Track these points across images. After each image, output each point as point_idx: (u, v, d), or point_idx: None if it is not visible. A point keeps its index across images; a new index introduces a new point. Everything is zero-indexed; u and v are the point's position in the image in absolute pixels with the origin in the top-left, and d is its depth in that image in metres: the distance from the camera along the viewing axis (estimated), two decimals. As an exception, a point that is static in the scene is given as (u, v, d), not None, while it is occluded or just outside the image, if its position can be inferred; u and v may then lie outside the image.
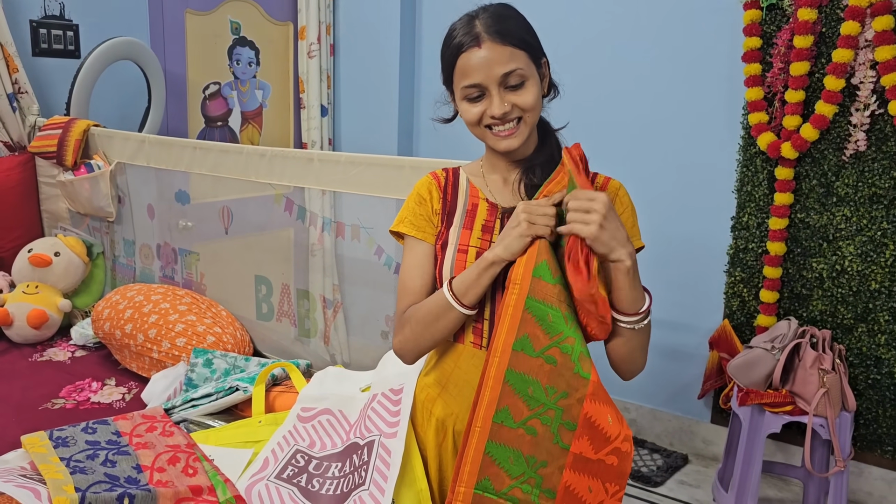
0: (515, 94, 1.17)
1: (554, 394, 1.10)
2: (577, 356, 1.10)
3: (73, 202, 2.72)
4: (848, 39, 2.32)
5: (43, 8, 2.86)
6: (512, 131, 1.19)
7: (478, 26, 1.18)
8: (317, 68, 3.70)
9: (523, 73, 1.17)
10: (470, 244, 1.24)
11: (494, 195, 1.28)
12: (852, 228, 2.46)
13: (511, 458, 1.10)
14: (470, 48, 1.17)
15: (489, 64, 1.16)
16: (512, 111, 1.18)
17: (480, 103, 1.19)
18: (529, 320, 1.10)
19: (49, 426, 1.85)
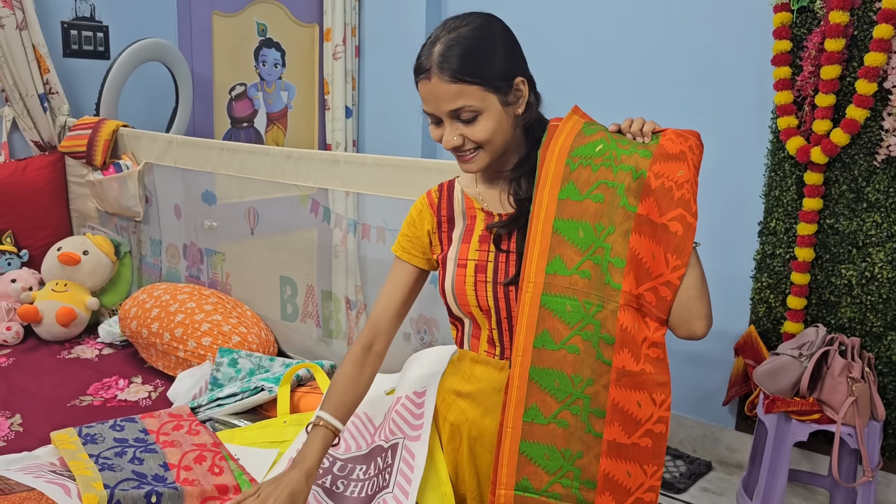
0: (467, 127, 1.16)
1: (580, 382, 1.10)
2: (597, 342, 1.10)
3: (102, 202, 2.76)
4: (881, 43, 2.29)
5: (74, 10, 2.91)
6: (469, 157, 1.19)
7: (433, 55, 1.15)
8: (342, 70, 3.71)
9: (473, 108, 1.14)
10: (469, 258, 1.26)
11: (488, 204, 1.29)
12: (883, 235, 2.42)
13: (546, 454, 1.10)
14: (422, 78, 1.17)
15: (437, 98, 1.15)
16: (465, 143, 1.18)
17: (439, 129, 1.20)
18: (547, 315, 1.11)
19: (77, 423, 1.88)
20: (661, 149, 1.12)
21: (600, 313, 1.10)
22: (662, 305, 1.11)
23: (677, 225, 1.08)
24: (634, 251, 1.09)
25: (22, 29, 2.63)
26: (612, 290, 1.10)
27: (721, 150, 2.76)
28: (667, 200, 1.09)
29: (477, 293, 1.23)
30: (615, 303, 1.10)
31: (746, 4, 2.62)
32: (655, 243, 1.09)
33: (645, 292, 1.10)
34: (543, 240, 1.12)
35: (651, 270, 1.09)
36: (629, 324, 1.10)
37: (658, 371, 1.11)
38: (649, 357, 1.10)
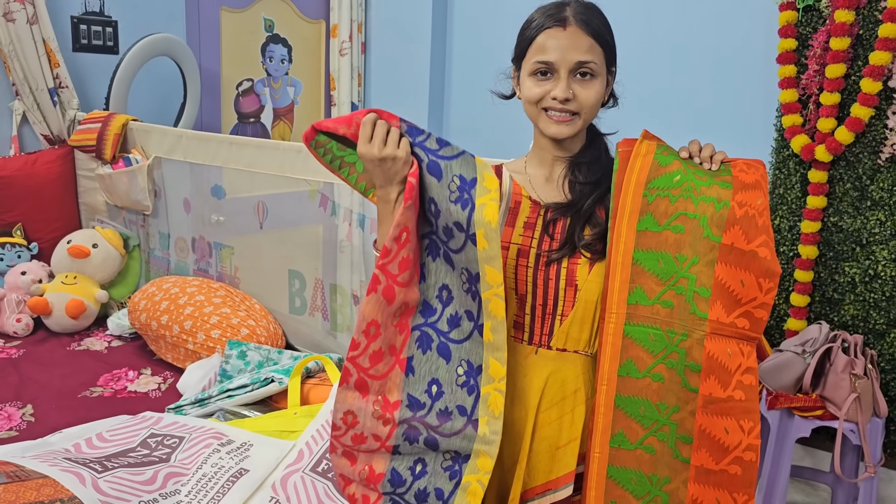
0: (582, 85, 1.18)
1: (665, 409, 1.13)
2: (682, 370, 1.12)
3: (111, 195, 2.78)
4: (886, 42, 2.30)
5: (84, 4, 2.93)
6: (566, 119, 1.20)
7: (567, 11, 1.19)
8: (348, 66, 3.73)
9: (595, 68, 1.19)
10: (511, 241, 1.25)
11: (537, 191, 1.28)
12: (886, 233, 2.44)
13: (634, 479, 1.13)
14: (554, 27, 1.18)
15: (568, 47, 1.17)
16: (573, 101, 1.18)
17: (546, 83, 1.19)
18: (630, 345, 1.13)
19: (88, 414, 1.92)
20: (738, 180, 1.15)
21: (685, 342, 1.12)
22: (758, 326, 1.12)
23: (765, 250, 1.10)
24: (721, 280, 1.12)
25: (32, 24, 2.65)
26: (699, 319, 1.12)
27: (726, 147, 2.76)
28: (752, 228, 1.11)
29: (517, 276, 1.23)
30: (701, 331, 1.12)
31: (752, 3, 2.64)
32: (744, 270, 1.11)
33: (737, 319, 1.11)
34: (624, 271, 1.14)
35: (741, 297, 1.11)
36: (717, 352, 1.12)
37: (748, 398, 1.11)
38: (742, 384, 1.11)
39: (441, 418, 1.13)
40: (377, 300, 1.12)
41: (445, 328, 1.16)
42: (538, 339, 1.25)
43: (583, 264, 1.20)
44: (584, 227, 1.21)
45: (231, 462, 1.53)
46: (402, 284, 1.14)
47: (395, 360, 1.14)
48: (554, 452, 1.23)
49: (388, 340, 1.15)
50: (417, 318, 1.16)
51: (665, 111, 2.92)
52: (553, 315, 1.23)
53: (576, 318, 1.22)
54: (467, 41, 3.57)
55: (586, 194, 1.23)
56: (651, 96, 2.95)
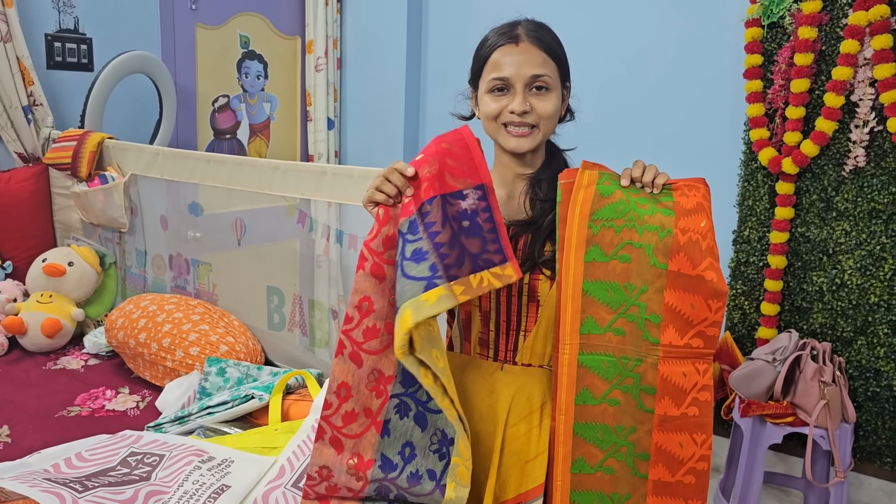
0: (538, 98, 1.22)
1: (622, 431, 1.18)
2: (637, 394, 1.17)
3: (87, 213, 2.77)
4: (847, 57, 2.38)
5: (58, 22, 2.92)
6: (525, 133, 1.23)
7: (519, 28, 1.24)
8: (324, 82, 3.76)
9: (550, 81, 1.23)
10: None
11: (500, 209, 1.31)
12: (851, 243, 2.51)
13: (596, 500, 1.19)
14: (508, 44, 1.23)
15: (522, 63, 1.21)
16: (530, 113, 1.22)
17: (502, 99, 1.23)
18: (585, 374, 1.17)
19: (65, 433, 1.90)
20: (680, 206, 1.17)
21: (639, 367, 1.17)
22: (711, 343, 1.16)
23: (711, 273, 1.14)
24: (671, 306, 1.15)
25: (6, 41, 2.64)
26: (651, 344, 1.16)
27: (696, 160, 2.84)
28: (697, 252, 1.14)
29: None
30: (655, 356, 1.16)
31: (719, 20, 2.71)
32: (693, 294, 1.14)
33: (691, 339, 1.16)
34: (574, 302, 1.17)
35: (693, 319, 1.15)
36: (671, 374, 1.16)
37: (702, 413, 1.17)
38: (697, 400, 1.17)
39: (411, 481, 1.17)
40: (344, 363, 1.17)
41: (424, 398, 1.19)
42: (503, 355, 1.27)
43: (544, 280, 1.23)
44: (545, 244, 1.24)
45: (212, 479, 1.53)
46: (370, 352, 1.16)
47: (371, 422, 1.18)
48: (523, 466, 1.26)
49: (363, 403, 1.17)
50: (398, 387, 1.18)
51: (635, 126, 2.98)
52: (517, 331, 1.26)
53: (539, 334, 1.24)
54: (442, 57, 3.62)
55: (546, 211, 1.25)
56: (621, 112, 3.01)
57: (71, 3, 2.95)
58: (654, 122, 2.93)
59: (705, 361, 1.17)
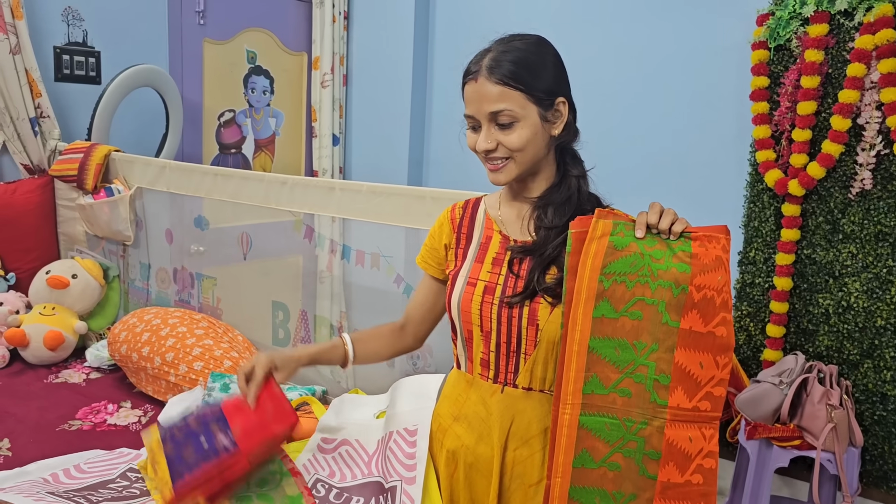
0: (503, 133, 1.18)
1: (622, 498, 1.12)
2: (640, 459, 1.11)
3: (92, 225, 2.76)
4: (854, 81, 2.39)
5: (67, 35, 2.94)
6: (497, 167, 1.21)
7: (485, 59, 1.20)
8: (329, 98, 3.77)
9: (513, 114, 1.17)
10: (479, 278, 1.26)
11: (508, 228, 1.30)
12: (858, 265, 2.51)
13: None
14: (470, 79, 1.21)
15: (480, 99, 1.19)
16: (497, 149, 1.19)
17: (475, 135, 1.22)
18: (586, 435, 1.12)
19: (67, 447, 1.88)
20: (697, 259, 1.11)
21: (644, 430, 1.11)
22: (718, 405, 1.10)
23: (722, 329, 1.09)
24: (681, 366, 1.10)
25: (15, 53, 2.65)
26: (659, 406, 1.10)
27: (702, 181, 2.85)
28: (710, 309, 1.09)
29: (482, 313, 1.24)
30: (662, 419, 1.10)
31: (725, 42, 2.73)
32: (702, 352, 1.09)
33: (699, 402, 1.10)
34: (580, 360, 1.11)
35: (701, 379, 1.09)
36: (677, 438, 1.10)
37: (706, 481, 1.11)
38: (702, 468, 1.11)
39: None
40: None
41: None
42: (503, 377, 1.26)
43: (544, 305, 1.21)
44: (547, 270, 1.22)
45: (216, 497, 1.51)
46: None
47: None
48: (527, 490, 1.24)
49: None
50: None
51: (643, 147, 2.99)
52: (517, 353, 1.24)
53: (539, 358, 1.23)
54: (448, 73, 3.63)
55: (550, 238, 1.23)
56: (627, 133, 3.01)
57: (80, 17, 2.96)
58: (660, 143, 2.93)
59: (711, 427, 1.10)
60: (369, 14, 3.75)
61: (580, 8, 3.12)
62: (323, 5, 3.69)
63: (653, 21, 2.92)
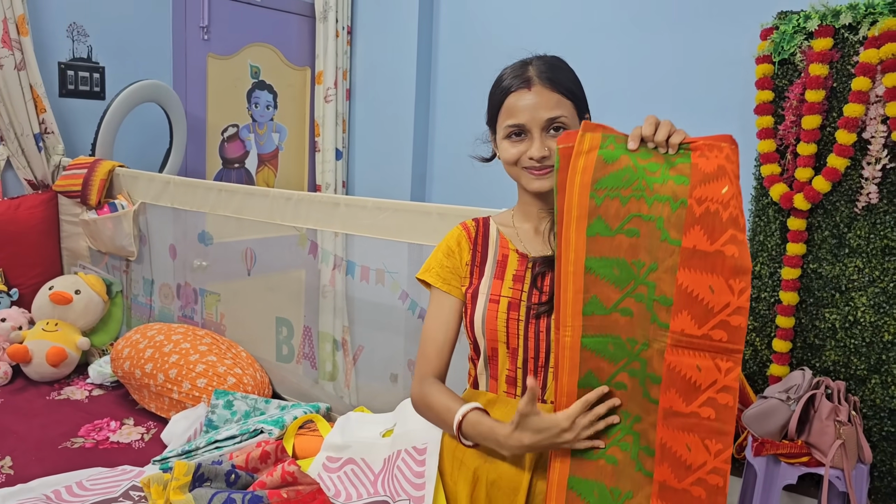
0: (555, 140, 1.20)
1: (628, 418, 1.08)
2: (643, 380, 1.06)
3: (95, 241, 2.76)
4: (859, 95, 2.38)
5: (72, 51, 2.94)
6: (546, 172, 1.22)
7: (530, 71, 1.23)
8: (332, 112, 3.77)
9: (566, 121, 1.21)
10: (502, 294, 1.26)
11: (525, 245, 1.30)
12: (864, 280, 2.49)
13: (596, 491, 1.08)
14: (519, 89, 1.22)
15: (536, 107, 1.20)
16: (550, 156, 1.21)
17: (521, 144, 1.23)
18: (590, 356, 1.08)
19: (69, 465, 1.87)
20: (697, 169, 1.02)
21: (646, 352, 1.04)
22: (737, 336, 1.00)
23: (732, 248, 0.99)
24: (685, 288, 1.01)
25: (20, 69, 2.65)
26: (660, 329, 1.04)
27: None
28: (717, 224, 1.00)
29: (508, 329, 1.23)
30: (662, 342, 1.04)
31: (730, 56, 2.73)
32: (712, 274, 1.00)
33: (712, 331, 1.00)
34: (576, 281, 1.06)
35: (713, 305, 1.00)
36: (680, 365, 1.02)
37: (720, 418, 1.01)
38: (715, 402, 1.01)
39: None
40: None
41: None
42: None
43: None
44: None
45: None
46: None
47: None
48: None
49: None
50: None
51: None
52: (545, 368, 1.23)
53: None
54: (452, 89, 3.64)
55: None
56: (633, 145, 3.01)
57: (85, 33, 2.97)
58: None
59: (730, 359, 1.00)
60: (373, 29, 3.76)
61: (586, 24, 3.12)
62: (326, 20, 3.70)
63: (657, 36, 2.92)
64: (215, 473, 1.43)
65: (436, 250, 1.36)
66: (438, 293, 1.33)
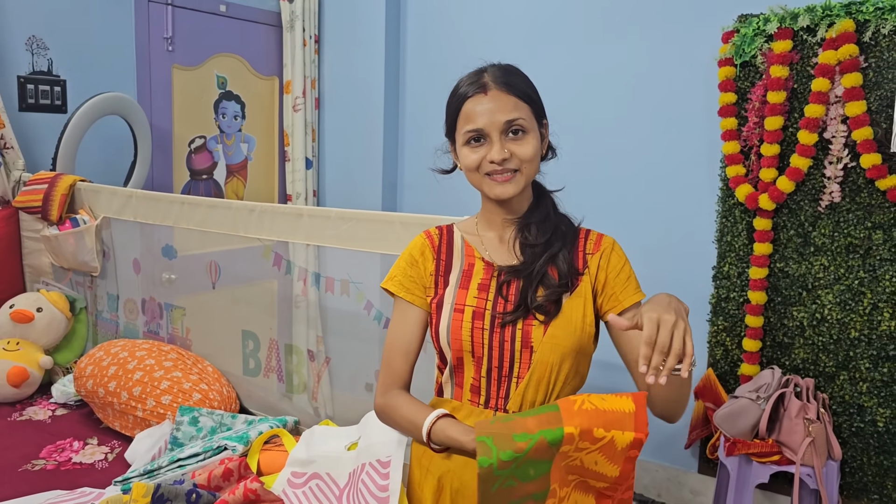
0: (515, 143, 1.21)
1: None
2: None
3: (58, 257, 2.71)
4: (819, 95, 2.41)
5: (31, 64, 2.89)
6: (508, 178, 1.21)
7: (485, 77, 1.23)
8: (302, 122, 3.75)
9: (525, 124, 1.21)
10: (466, 303, 1.25)
11: (490, 253, 1.30)
12: (830, 277, 2.52)
13: None
14: (476, 94, 1.22)
15: (493, 111, 1.20)
16: (510, 159, 1.20)
17: (480, 149, 1.22)
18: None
19: (29, 489, 1.82)
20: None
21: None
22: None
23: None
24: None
25: (-23, 84, 2.60)
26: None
27: (674, 198, 2.85)
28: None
29: (473, 339, 1.23)
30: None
31: (692, 59, 2.75)
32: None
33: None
34: None
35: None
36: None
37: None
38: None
39: None
40: None
41: None
42: (494, 402, 1.24)
43: (537, 326, 1.21)
44: (537, 289, 1.22)
45: (181, 537, 1.47)
46: None
47: None
48: None
49: None
50: None
51: (613, 165, 2.99)
52: (509, 378, 1.23)
53: (532, 381, 1.22)
54: (421, 96, 3.63)
55: (538, 255, 1.24)
56: (599, 151, 3.02)
57: (45, 46, 2.92)
58: (630, 161, 2.94)
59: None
60: (340, 37, 3.75)
61: (547, 28, 3.13)
62: (293, 29, 3.68)
63: (620, 39, 2.94)
64: (175, 494, 1.40)
65: (399, 259, 1.35)
66: (401, 302, 1.32)
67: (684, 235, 2.83)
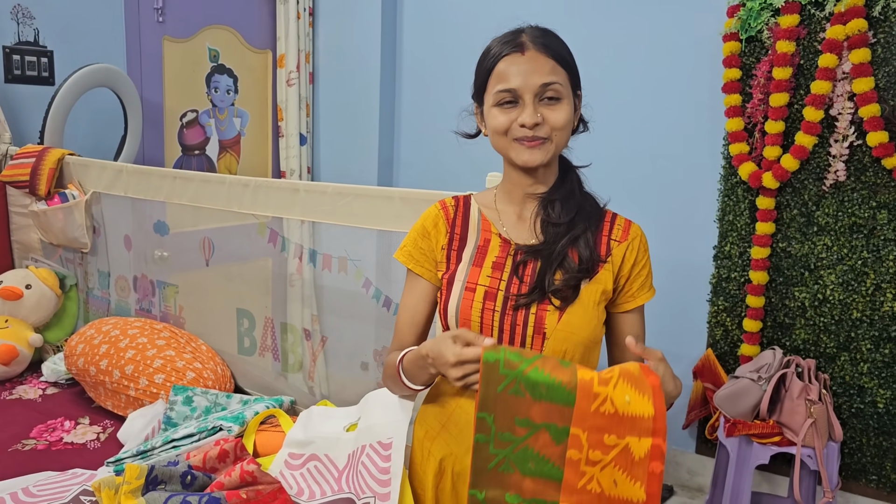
0: (549, 108, 1.14)
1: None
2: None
3: (46, 233, 2.65)
4: (826, 71, 2.36)
5: (17, 34, 2.81)
6: (538, 143, 1.15)
7: (524, 36, 1.16)
8: (296, 96, 3.67)
9: (561, 90, 1.14)
10: (479, 282, 1.20)
11: (508, 230, 1.23)
12: (833, 258, 2.48)
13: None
14: (512, 53, 1.15)
15: (529, 72, 1.13)
16: (542, 125, 1.14)
17: (511, 111, 1.15)
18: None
19: (19, 469, 1.78)
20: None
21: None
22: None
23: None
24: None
25: (-40, 54, 2.52)
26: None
27: (675, 176, 2.81)
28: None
29: (483, 320, 1.17)
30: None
31: (697, 34, 2.69)
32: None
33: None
34: None
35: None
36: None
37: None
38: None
39: None
40: None
41: None
42: None
43: (552, 311, 1.15)
44: (556, 272, 1.16)
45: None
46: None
47: None
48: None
49: None
50: None
51: (614, 141, 2.94)
52: None
53: None
54: (417, 70, 3.55)
55: (560, 235, 1.17)
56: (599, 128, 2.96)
57: (31, 15, 2.84)
58: (633, 138, 2.89)
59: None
60: (335, 9, 3.66)
61: (548, 4, 3.06)
62: (287, 1, 3.59)
63: (624, 14, 2.87)
64: (170, 475, 1.37)
65: (412, 229, 1.30)
66: (411, 274, 1.29)
67: (685, 214, 2.79)
